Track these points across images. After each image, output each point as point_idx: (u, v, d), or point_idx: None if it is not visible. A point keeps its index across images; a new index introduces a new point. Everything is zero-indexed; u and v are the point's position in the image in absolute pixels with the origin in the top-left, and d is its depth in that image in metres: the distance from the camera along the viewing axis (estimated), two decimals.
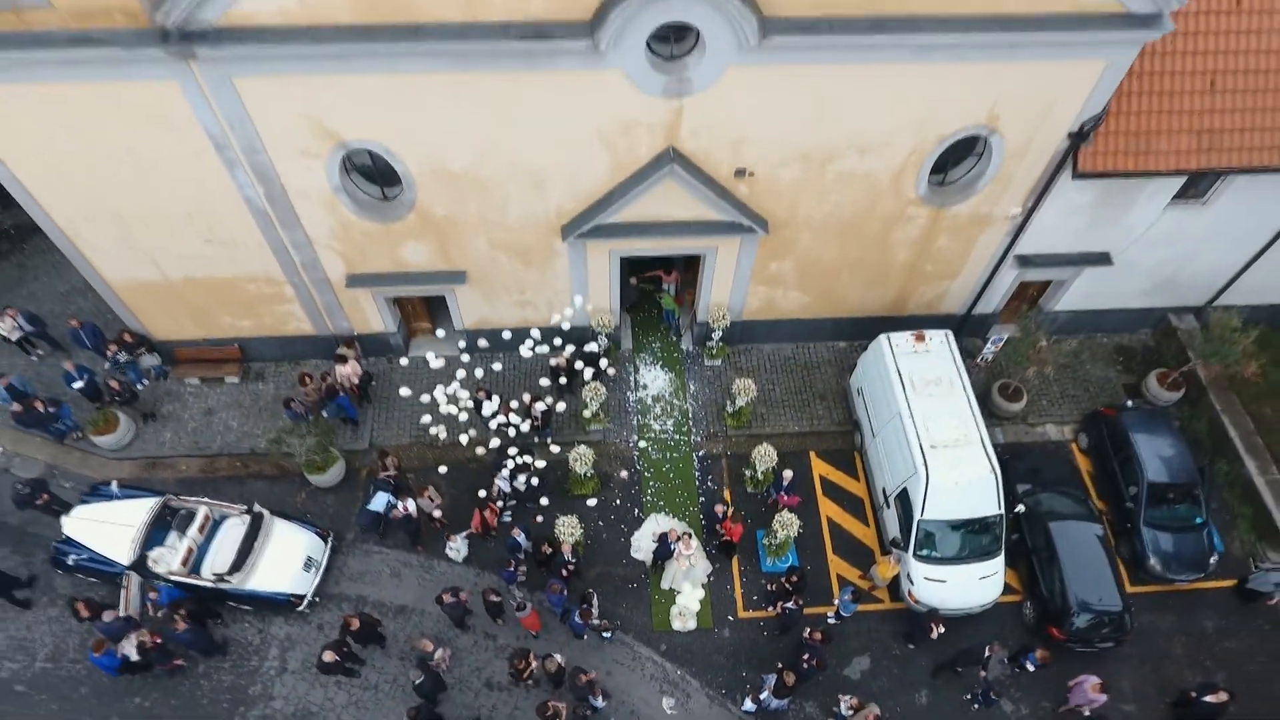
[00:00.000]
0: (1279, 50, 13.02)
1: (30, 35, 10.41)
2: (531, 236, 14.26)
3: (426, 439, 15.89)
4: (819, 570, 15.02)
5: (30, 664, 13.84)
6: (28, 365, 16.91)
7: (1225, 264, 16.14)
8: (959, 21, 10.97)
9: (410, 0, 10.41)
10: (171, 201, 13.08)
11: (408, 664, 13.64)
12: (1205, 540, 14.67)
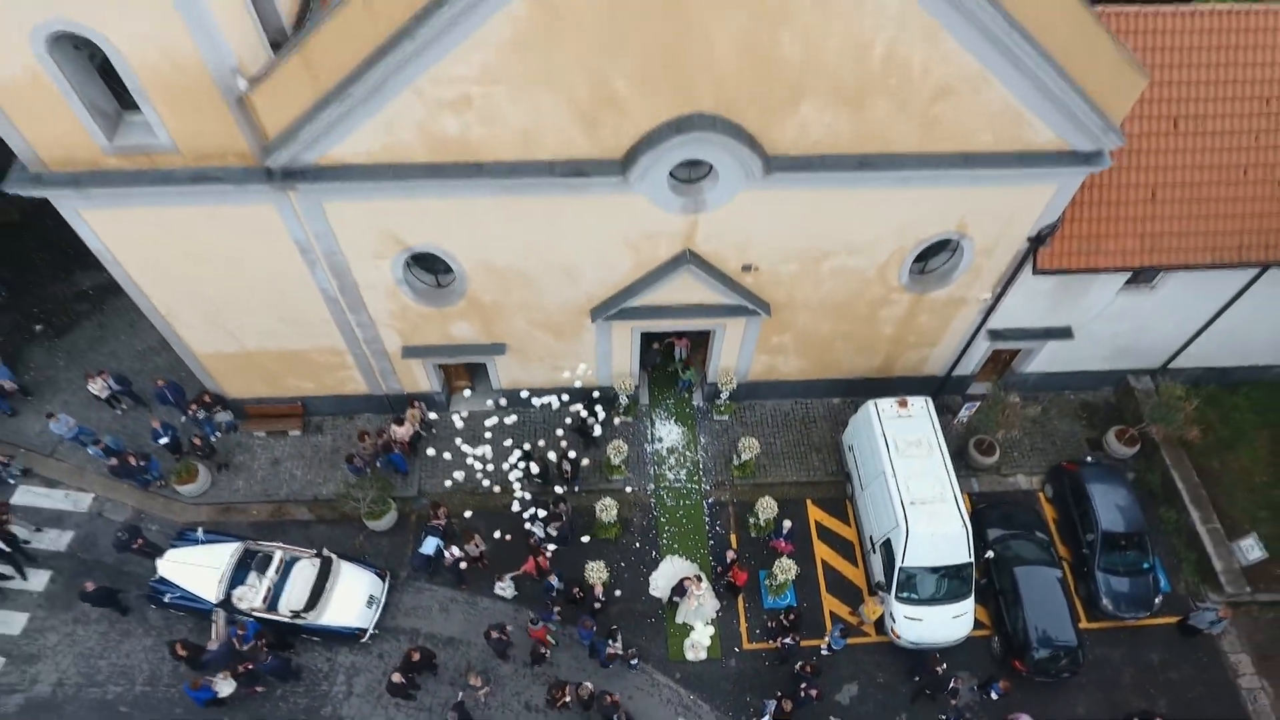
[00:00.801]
0: (1211, 165, 15.14)
1: (158, 173, 12.57)
2: (564, 317, 16.39)
3: (467, 487, 18.07)
4: (814, 606, 17.14)
5: (131, 687, 16.00)
6: (114, 419, 19.07)
7: (1175, 336, 18.25)
8: (932, 159, 13.09)
9: (473, 144, 12.56)
10: (257, 292, 15.22)
11: (457, 688, 15.78)
12: (1152, 582, 16.79)
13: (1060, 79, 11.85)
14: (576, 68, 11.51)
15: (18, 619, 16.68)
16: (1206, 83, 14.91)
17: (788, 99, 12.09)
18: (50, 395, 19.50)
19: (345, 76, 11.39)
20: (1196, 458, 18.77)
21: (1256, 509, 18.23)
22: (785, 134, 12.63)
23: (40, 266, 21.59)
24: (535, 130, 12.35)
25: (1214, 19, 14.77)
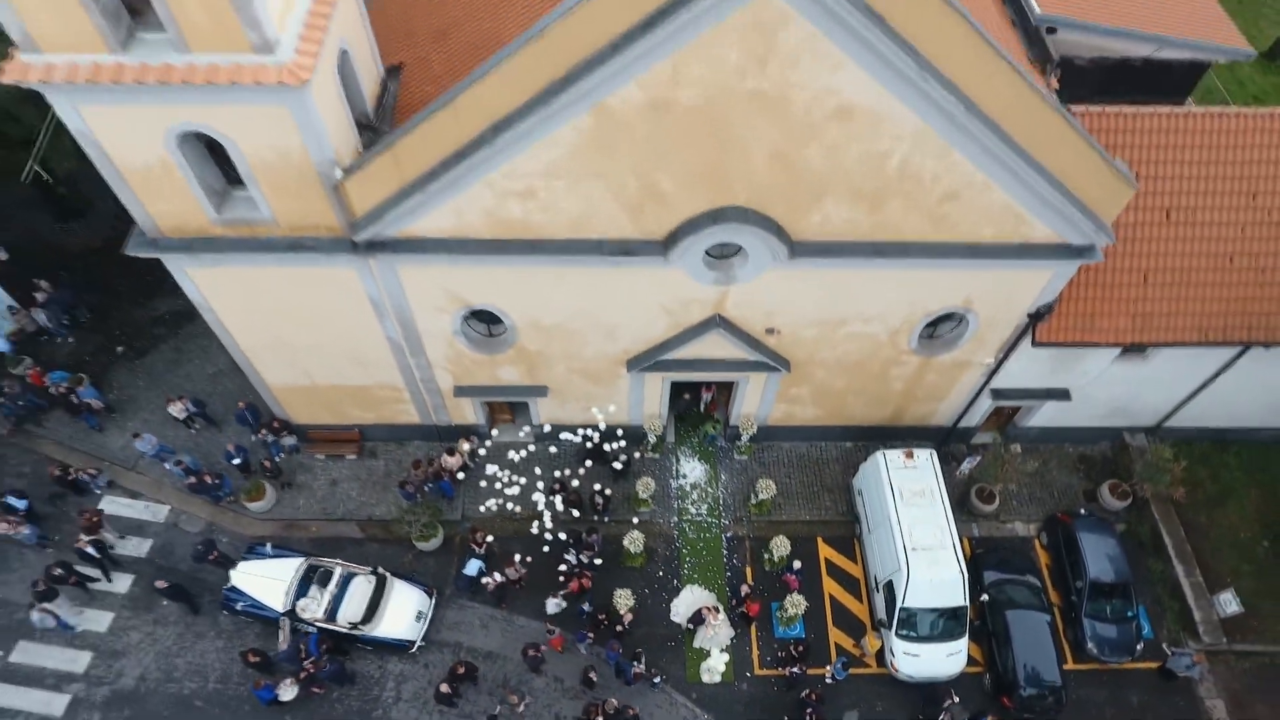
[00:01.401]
0: (1200, 253, 16.54)
1: (258, 241, 14.40)
2: (602, 367, 18.08)
3: (505, 514, 19.81)
4: (821, 638, 18.69)
5: (204, 685, 17.89)
6: (189, 438, 20.98)
7: (1167, 400, 19.60)
8: (940, 248, 14.62)
9: (532, 224, 14.28)
10: (331, 338, 17.04)
11: (495, 699, 17.51)
12: (1135, 629, 18.17)
13: (1054, 190, 13.36)
14: (628, 168, 13.19)
15: (104, 618, 18.65)
16: (1198, 178, 16.31)
17: (812, 197, 13.69)
18: (132, 413, 21.49)
19: (427, 171, 13.15)
20: (1185, 512, 20.10)
21: (1240, 563, 19.54)
22: (809, 225, 14.22)
23: (122, 291, 23.58)
24: (588, 216, 14.05)
25: (1206, 120, 16.20)
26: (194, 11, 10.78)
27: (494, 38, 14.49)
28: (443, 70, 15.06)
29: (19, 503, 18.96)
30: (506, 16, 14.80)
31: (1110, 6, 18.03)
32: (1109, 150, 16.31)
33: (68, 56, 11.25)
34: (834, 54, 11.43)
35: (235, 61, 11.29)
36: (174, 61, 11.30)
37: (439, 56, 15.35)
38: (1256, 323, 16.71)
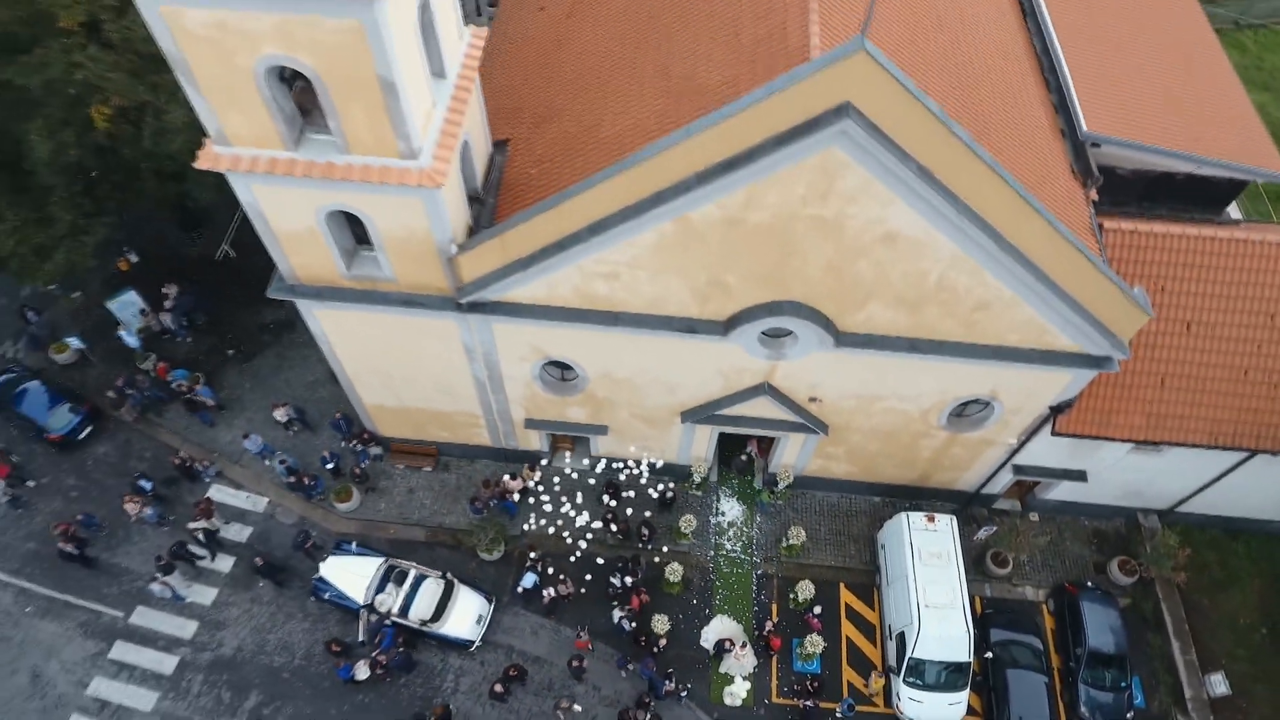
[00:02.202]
0: (1216, 364, 18.00)
1: (377, 294, 16.86)
2: (660, 414, 20.22)
3: (560, 535, 22.10)
4: (834, 675, 20.61)
5: (292, 660, 20.60)
6: (286, 439, 23.72)
7: (1180, 488, 20.99)
8: (970, 348, 16.40)
9: (613, 300, 16.45)
10: (424, 372, 19.50)
11: (541, 699, 19.86)
12: (1127, 698, 19.70)
13: (1075, 312, 15.05)
14: (700, 266, 15.28)
15: (209, 593, 21.49)
16: (1220, 296, 17.77)
17: (859, 300, 15.61)
18: (239, 412, 24.35)
19: (529, 255, 15.42)
20: (1189, 594, 21.49)
21: (1236, 648, 20.88)
22: (854, 320, 16.14)
23: (233, 298, 26.44)
24: (662, 298, 16.18)
25: (1232, 244, 17.65)
26: (358, 124, 13.18)
27: (593, 131, 16.64)
28: (545, 154, 17.29)
29: (146, 485, 21.91)
30: (604, 111, 16.91)
31: (1155, 124, 19.46)
32: (1139, 264, 17.95)
33: (251, 150, 13.76)
34: (885, 194, 13.35)
35: (385, 164, 13.68)
36: (336, 160, 13.74)
37: (543, 140, 17.58)
38: (1265, 432, 18.09)
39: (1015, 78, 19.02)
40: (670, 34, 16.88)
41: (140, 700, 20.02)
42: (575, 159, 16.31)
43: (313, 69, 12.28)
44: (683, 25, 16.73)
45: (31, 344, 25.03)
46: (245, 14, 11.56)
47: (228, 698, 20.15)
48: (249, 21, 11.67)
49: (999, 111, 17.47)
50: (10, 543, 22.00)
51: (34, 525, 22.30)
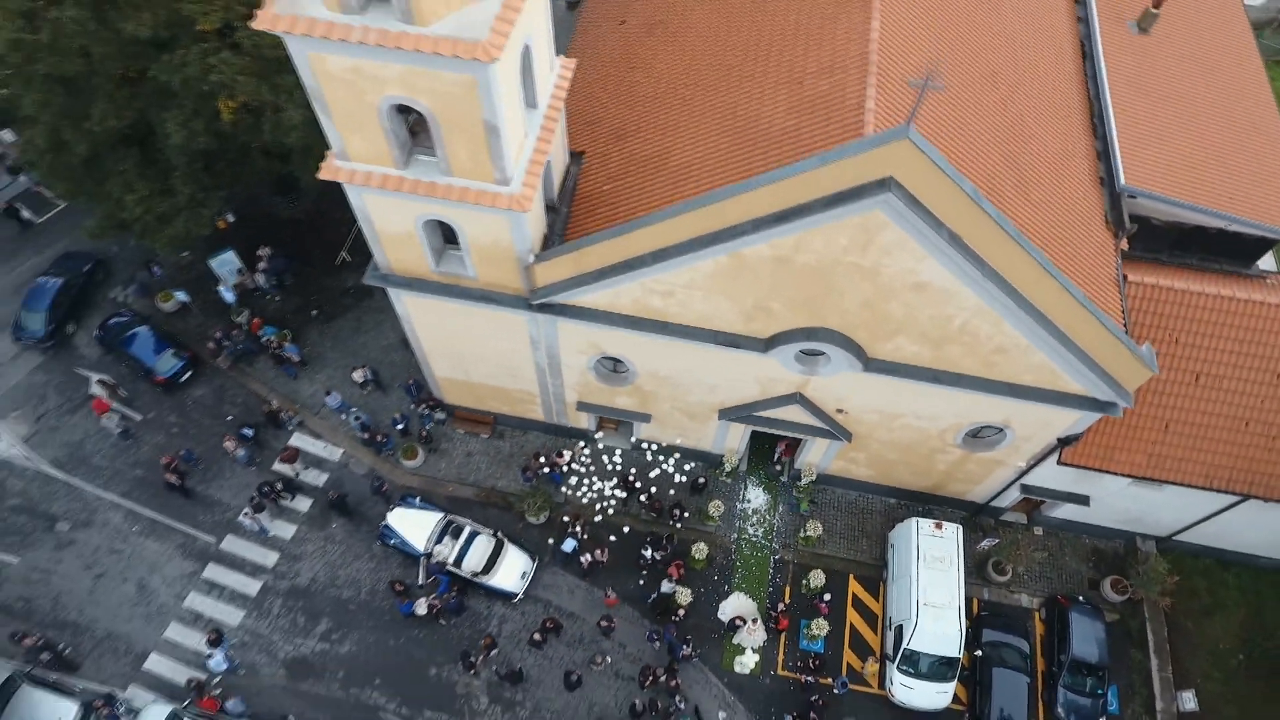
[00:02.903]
0: (1219, 414, 19.37)
1: (459, 288, 19.01)
2: (699, 410, 22.26)
3: (599, 507, 24.45)
4: (836, 656, 22.85)
5: (358, 594, 23.48)
6: (361, 397, 26.31)
7: (1176, 520, 22.48)
8: (986, 382, 18.05)
9: (667, 313, 18.39)
10: (492, 354, 21.74)
11: (573, 650, 22.49)
12: (1102, 705, 21.62)
13: (1084, 364, 16.59)
14: (749, 292, 17.11)
15: (289, 529, 24.39)
16: (1230, 353, 19.06)
17: (888, 333, 17.33)
18: (319, 368, 26.98)
19: (598, 270, 17.37)
20: (1175, 616, 23.16)
21: (1212, 670, 22.59)
22: (883, 350, 17.88)
23: (318, 261, 28.93)
24: (711, 315, 18.07)
25: (1248, 306, 18.84)
26: (461, 154, 15.16)
27: (663, 158, 18.37)
28: (617, 172, 19.09)
29: (248, 431, 24.76)
30: (674, 140, 18.58)
31: (1193, 179, 20.46)
32: (1157, 315, 19.33)
33: (367, 166, 15.86)
34: (919, 251, 14.99)
35: (481, 188, 15.68)
36: (439, 181, 15.78)
37: (617, 157, 19.35)
38: (1258, 480, 19.50)
39: (1063, 129, 20.19)
40: (741, 74, 18.42)
41: (228, 616, 23.12)
42: (645, 182, 18.11)
43: (429, 109, 14.26)
44: (753, 67, 18.25)
45: (140, 291, 27.88)
46: (377, 63, 13.53)
47: (301, 621, 23.14)
48: (379, 69, 13.66)
49: (1041, 164, 18.76)
50: (120, 469, 25.11)
51: (140, 455, 25.37)
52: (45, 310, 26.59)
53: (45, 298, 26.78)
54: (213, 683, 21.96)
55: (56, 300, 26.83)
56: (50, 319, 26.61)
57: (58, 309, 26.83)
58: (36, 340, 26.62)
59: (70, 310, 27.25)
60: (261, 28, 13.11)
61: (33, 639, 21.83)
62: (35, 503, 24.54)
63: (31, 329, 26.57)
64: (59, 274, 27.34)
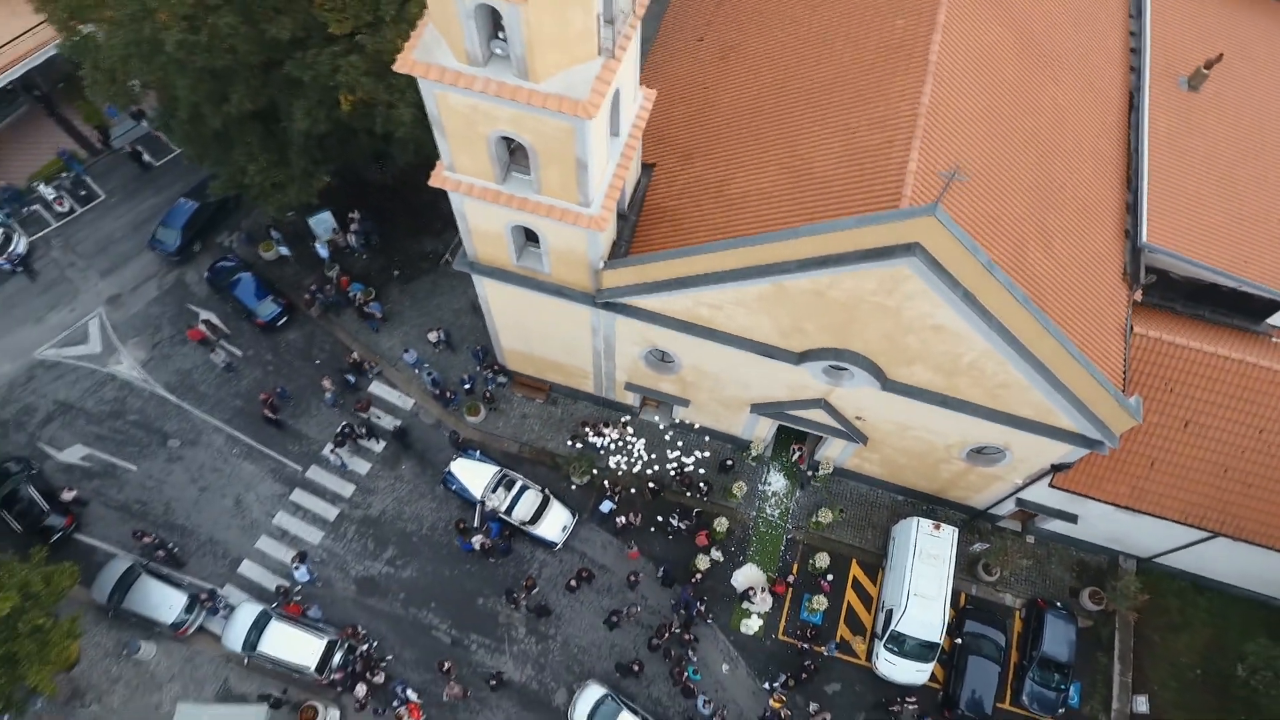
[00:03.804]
0: (1203, 459, 21.48)
1: (534, 280, 21.74)
2: (733, 402, 24.93)
3: (635, 474, 27.47)
4: (831, 629, 25.83)
5: (420, 529, 27.00)
6: (434, 354, 29.47)
7: (1156, 545, 24.73)
8: (990, 411, 20.39)
9: (714, 320, 20.95)
10: (555, 335, 24.58)
11: (601, 598, 25.81)
12: (1063, 698, 24.34)
13: (1076, 408, 18.83)
14: (787, 314, 19.57)
15: (364, 465, 27.89)
16: (1221, 405, 21.09)
17: (906, 361, 19.71)
18: (398, 324, 30.14)
19: (658, 282, 19.94)
20: (1144, 629, 25.61)
21: (1169, 680, 25.10)
22: (900, 374, 20.28)
23: (401, 225, 31.83)
24: (751, 328, 20.60)
25: (1243, 366, 20.76)
26: (552, 178, 17.74)
27: (724, 185, 20.63)
28: (682, 190, 21.45)
29: (351, 378, 28.18)
30: (736, 168, 20.76)
31: (1214, 240, 22.08)
32: (1156, 365, 21.38)
33: (470, 179, 18.54)
34: (937, 301, 17.27)
35: (567, 207, 18.29)
36: (530, 197, 18.41)
37: (683, 177, 21.67)
38: (1229, 521, 21.66)
39: (1096, 182, 21.95)
40: (802, 113, 20.49)
41: (310, 535, 26.87)
42: (706, 205, 20.50)
43: (530, 144, 16.83)
44: (813, 109, 20.31)
45: (246, 239, 31.16)
46: (492, 105, 16.07)
47: (371, 547, 26.79)
48: (493, 109, 16.22)
49: (1068, 217, 20.66)
50: (224, 398, 28.77)
51: (240, 387, 28.98)
52: (180, 228, 30.32)
53: (182, 217, 30.46)
54: (295, 590, 25.80)
55: (191, 221, 30.40)
56: (183, 236, 30.32)
57: (190, 229, 30.46)
58: (167, 253, 30.38)
59: (200, 232, 30.84)
60: (401, 70, 15.69)
61: (150, 537, 25.87)
62: (151, 420, 28.39)
63: (166, 243, 30.31)
64: (196, 198, 30.65)
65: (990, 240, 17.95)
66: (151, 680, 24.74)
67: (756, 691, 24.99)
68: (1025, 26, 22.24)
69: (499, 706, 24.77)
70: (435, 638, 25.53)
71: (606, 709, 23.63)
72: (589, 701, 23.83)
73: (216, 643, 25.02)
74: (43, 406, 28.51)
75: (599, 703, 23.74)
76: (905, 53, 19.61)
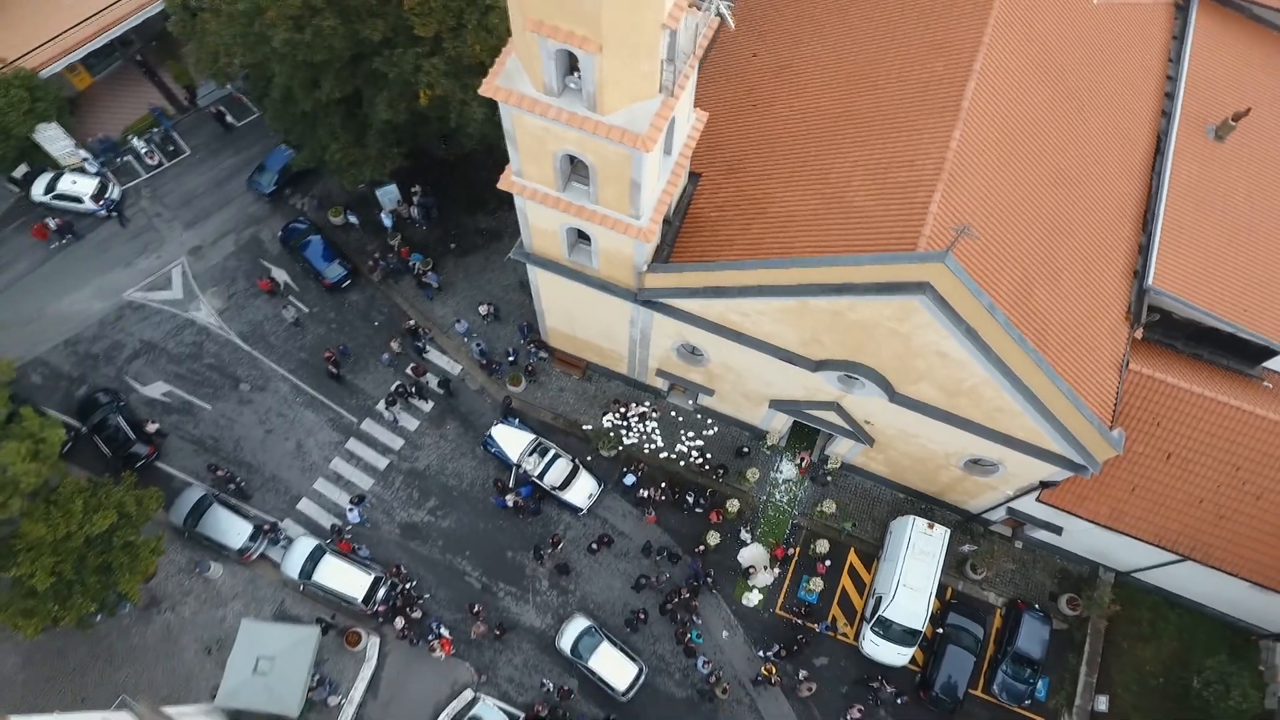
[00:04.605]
0: (1180, 489, 23.33)
1: (582, 275, 23.99)
2: (754, 396, 27.15)
3: (659, 453, 29.92)
4: (825, 608, 28.33)
5: (461, 484, 29.80)
6: (482, 326, 31.95)
7: (1133, 561, 26.70)
8: (986, 429, 22.40)
9: (742, 325, 23.08)
10: (597, 321, 26.88)
11: (619, 561, 28.49)
12: (1030, 690, 26.68)
13: (1063, 436, 20.78)
14: (808, 327, 21.64)
15: (414, 423, 30.65)
16: (1202, 442, 22.91)
17: (912, 379, 21.74)
18: (451, 295, 32.61)
19: (693, 288, 22.07)
20: (1114, 635, 27.75)
21: (1131, 684, 27.30)
22: (907, 389, 22.32)
23: (459, 200, 34.08)
24: (776, 335, 22.72)
25: (1225, 409, 22.48)
26: (608, 192, 19.87)
27: (764, 203, 22.54)
28: (725, 203, 23.41)
29: (419, 343, 30.80)
30: (776, 188, 22.63)
31: (1220, 287, 23.52)
32: (1147, 401, 23.18)
33: (534, 184, 20.71)
34: (943, 332, 19.23)
35: (619, 218, 20.42)
36: (586, 205, 20.56)
37: (728, 189, 23.59)
38: (1199, 547, 23.59)
39: (1112, 223, 23.50)
40: (840, 142, 22.26)
41: (362, 481, 29.80)
42: (742, 221, 22.49)
43: (592, 164, 18.94)
44: (851, 140, 22.06)
45: (317, 205, 33.66)
46: (561, 129, 18.16)
47: (415, 496, 29.67)
48: (562, 133, 18.32)
49: (1079, 255, 22.30)
50: (290, 350, 31.59)
51: (305, 341, 31.76)
52: (277, 172, 33.11)
53: (280, 161, 33.12)
54: (347, 529, 28.82)
55: (287, 167, 33.00)
56: (277, 181, 33.17)
57: (285, 174, 33.15)
58: (261, 193, 33.34)
59: (293, 179, 33.51)
60: (486, 94, 17.83)
61: (222, 471, 28.97)
62: (225, 364, 31.35)
63: (262, 184, 33.22)
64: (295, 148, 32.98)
65: (998, 275, 19.78)
66: (218, 596, 28.04)
67: (751, 658, 27.66)
68: (1061, 69, 23.61)
69: (519, 648, 27.75)
70: (467, 582, 28.48)
71: (589, 640, 26.62)
72: (574, 631, 26.86)
73: (276, 570, 28.21)
74: (130, 344, 31.57)
75: (583, 633, 26.73)
76: (940, 95, 21.22)
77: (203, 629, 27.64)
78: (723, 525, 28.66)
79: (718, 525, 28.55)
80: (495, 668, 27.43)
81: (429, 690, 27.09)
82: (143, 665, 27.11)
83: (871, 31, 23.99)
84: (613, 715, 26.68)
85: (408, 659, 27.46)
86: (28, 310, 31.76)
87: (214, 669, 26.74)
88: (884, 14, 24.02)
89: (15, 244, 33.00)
